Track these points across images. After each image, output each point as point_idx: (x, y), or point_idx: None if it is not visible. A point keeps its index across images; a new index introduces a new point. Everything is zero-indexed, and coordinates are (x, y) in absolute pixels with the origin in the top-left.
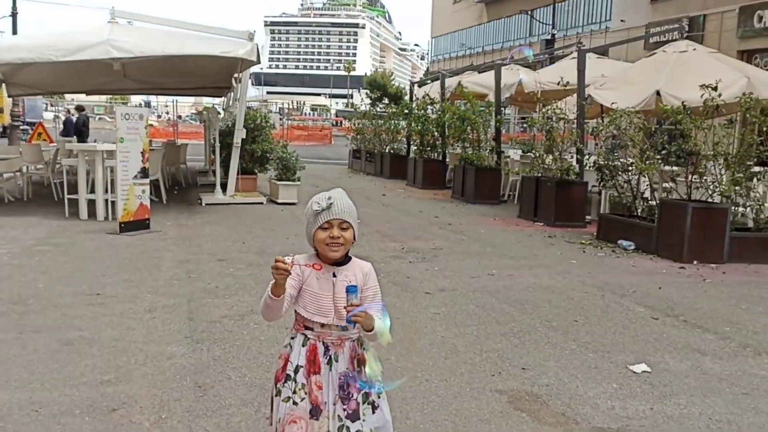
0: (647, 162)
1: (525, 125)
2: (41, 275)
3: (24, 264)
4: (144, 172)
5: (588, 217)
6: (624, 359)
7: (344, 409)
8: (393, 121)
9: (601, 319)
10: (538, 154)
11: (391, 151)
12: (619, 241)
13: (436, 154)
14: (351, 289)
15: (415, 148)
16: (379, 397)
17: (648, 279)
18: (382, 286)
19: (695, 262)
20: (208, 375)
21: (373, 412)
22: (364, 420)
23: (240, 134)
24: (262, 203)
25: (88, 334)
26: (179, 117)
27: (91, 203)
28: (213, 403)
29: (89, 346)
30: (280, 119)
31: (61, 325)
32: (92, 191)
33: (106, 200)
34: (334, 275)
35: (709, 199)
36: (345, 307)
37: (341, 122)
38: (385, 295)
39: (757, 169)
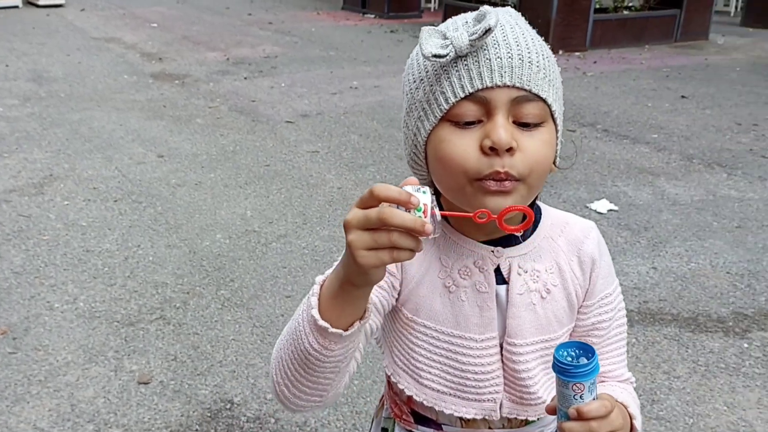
0: None
1: None
2: None
3: None
4: None
5: (422, 4)
6: (576, 194)
7: None
8: None
9: None
10: None
11: None
12: None
13: None
14: (565, 372)
15: None
16: None
17: None
18: (233, 122)
19: (561, 52)
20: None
21: None
22: None
23: None
24: (17, 6)
25: None
26: None
27: None
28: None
29: None
30: None
31: None
32: None
33: None
34: (499, 273)
35: None
36: (570, 417)
37: None
38: (233, 130)
39: None
